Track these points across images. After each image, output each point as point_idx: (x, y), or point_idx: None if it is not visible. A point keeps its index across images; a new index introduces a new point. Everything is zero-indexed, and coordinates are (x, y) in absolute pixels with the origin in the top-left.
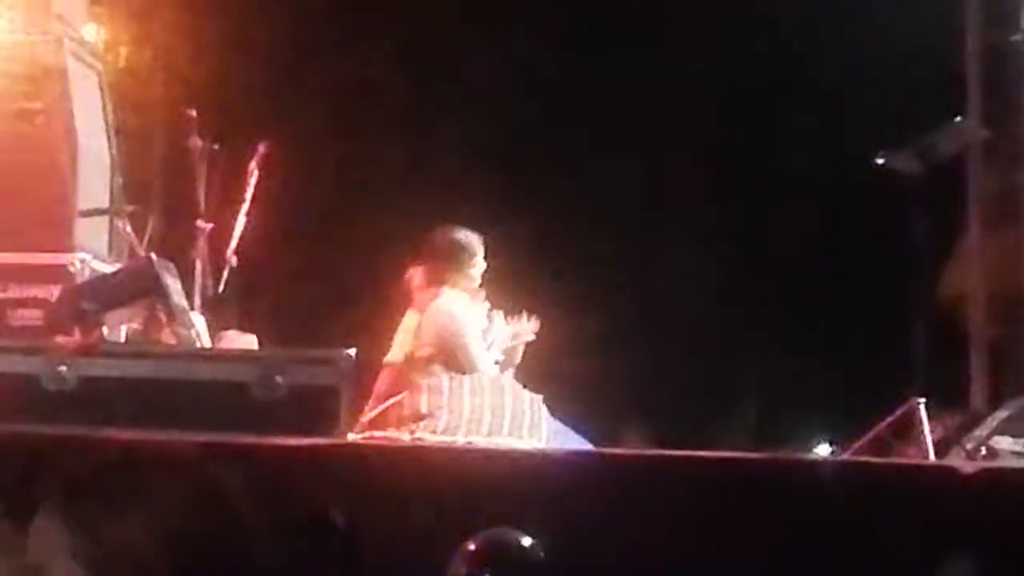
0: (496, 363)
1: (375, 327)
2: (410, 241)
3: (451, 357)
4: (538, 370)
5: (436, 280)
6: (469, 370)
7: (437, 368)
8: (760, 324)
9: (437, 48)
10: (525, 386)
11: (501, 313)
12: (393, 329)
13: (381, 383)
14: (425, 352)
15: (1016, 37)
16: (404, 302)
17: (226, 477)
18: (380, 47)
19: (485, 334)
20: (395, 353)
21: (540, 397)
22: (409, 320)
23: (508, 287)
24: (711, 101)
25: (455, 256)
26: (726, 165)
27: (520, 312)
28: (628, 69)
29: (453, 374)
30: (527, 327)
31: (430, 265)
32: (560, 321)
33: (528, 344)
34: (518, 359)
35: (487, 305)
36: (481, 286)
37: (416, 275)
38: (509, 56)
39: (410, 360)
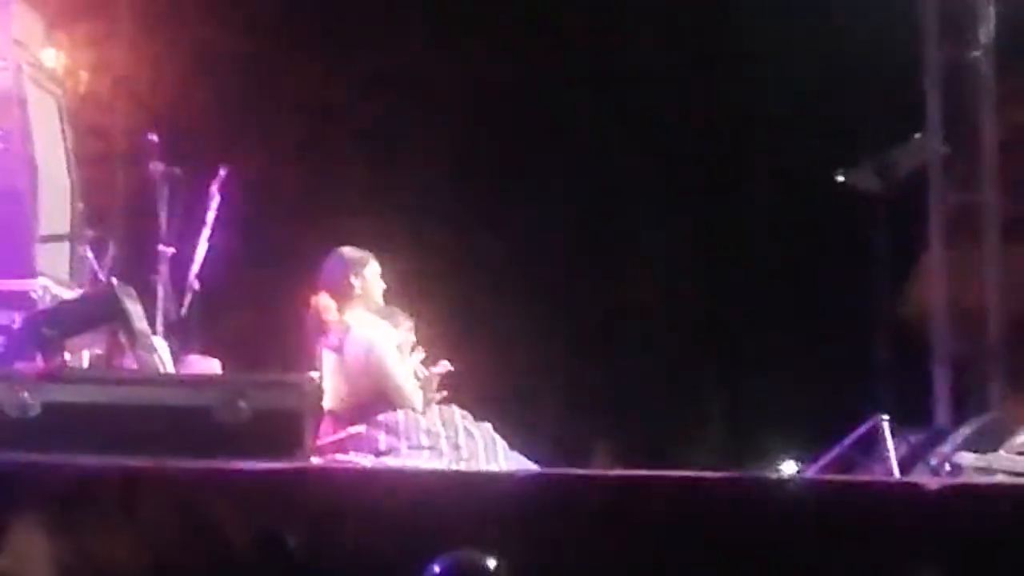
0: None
1: None
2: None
3: (382, 390)
4: (504, 390)
5: (341, 305)
6: (398, 397)
7: (379, 407)
8: (723, 342)
9: (401, 71)
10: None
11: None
12: (310, 359)
13: (326, 429)
14: (358, 398)
15: (975, 53)
16: (317, 332)
17: (192, 501)
18: (343, 70)
19: (400, 348)
20: (329, 400)
21: (489, 425)
22: (328, 361)
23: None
24: (670, 120)
25: (352, 277)
26: (686, 184)
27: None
28: (589, 88)
29: (407, 409)
30: (441, 367)
31: (332, 290)
32: (525, 342)
33: (491, 364)
34: (433, 390)
35: (398, 319)
36: (386, 301)
37: (322, 303)
38: (474, 79)
39: (348, 409)
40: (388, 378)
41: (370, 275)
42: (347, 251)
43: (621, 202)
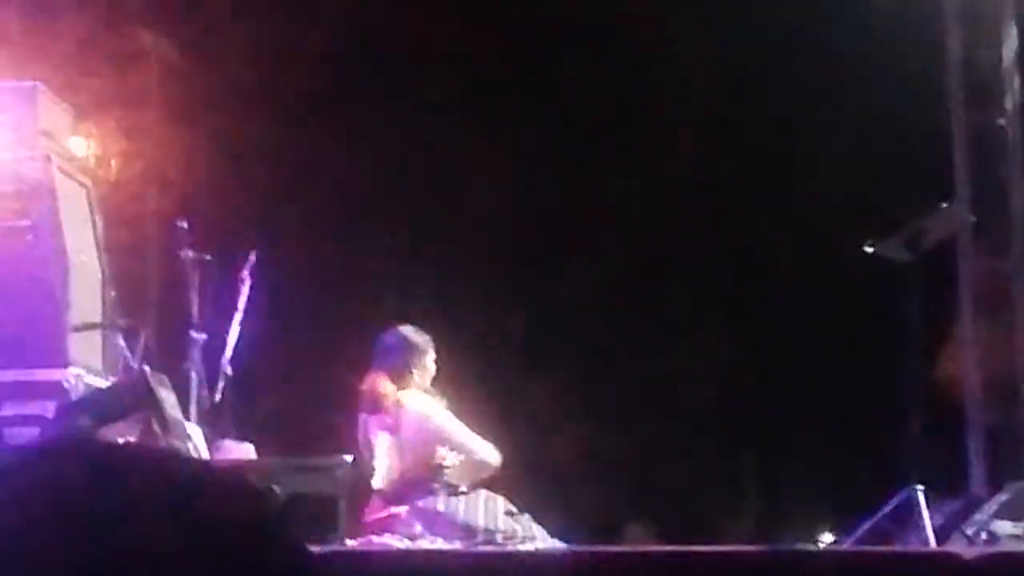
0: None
1: None
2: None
3: (438, 465)
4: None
5: (398, 384)
6: (471, 459)
7: (426, 486)
8: (757, 416)
9: (426, 149)
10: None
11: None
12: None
13: (372, 511)
14: (410, 475)
15: (1001, 120)
16: (371, 411)
17: None
18: (369, 151)
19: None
20: (380, 480)
21: (528, 516)
22: (383, 442)
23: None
24: (700, 190)
25: (413, 363)
26: (717, 254)
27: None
28: (621, 163)
29: (448, 497)
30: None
31: (390, 372)
32: (555, 411)
33: (523, 442)
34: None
35: (444, 402)
36: (433, 384)
37: (380, 386)
38: (506, 158)
39: (398, 488)
40: (451, 442)
41: (428, 362)
42: (411, 334)
43: (653, 278)
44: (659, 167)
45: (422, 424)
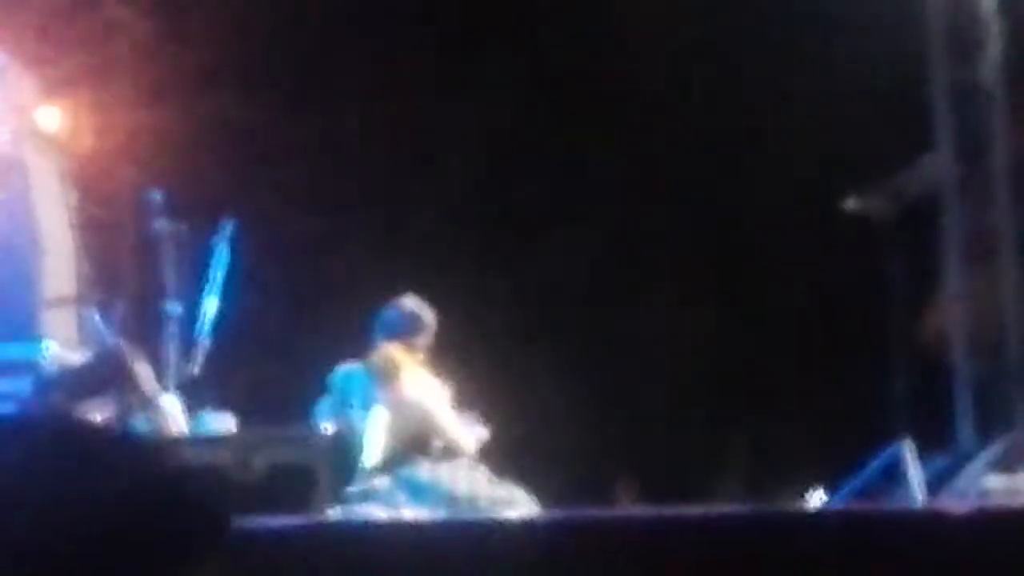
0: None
1: None
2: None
3: (426, 444)
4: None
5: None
6: (452, 445)
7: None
8: (742, 376)
9: (409, 119)
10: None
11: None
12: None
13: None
14: (397, 448)
15: (984, 71)
16: (382, 381)
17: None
18: (349, 119)
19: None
20: (371, 457)
21: (514, 487)
22: (379, 415)
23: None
24: (678, 151)
25: (420, 331)
26: (700, 218)
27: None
28: (597, 129)
29: (432, 466)
30: (480, 433)
31: (399, 340)
32: (547, 381)
33: (515, 405)
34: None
35: (440, 379)
36: (425, 359)
37: (396, 356)
38: (483, 126)
39: (385, 460)
40: (440, 430)
41: (431, 335)
42: (424, 308)
43: (637, 244)
44: (639, 135)
45: (418, 405)
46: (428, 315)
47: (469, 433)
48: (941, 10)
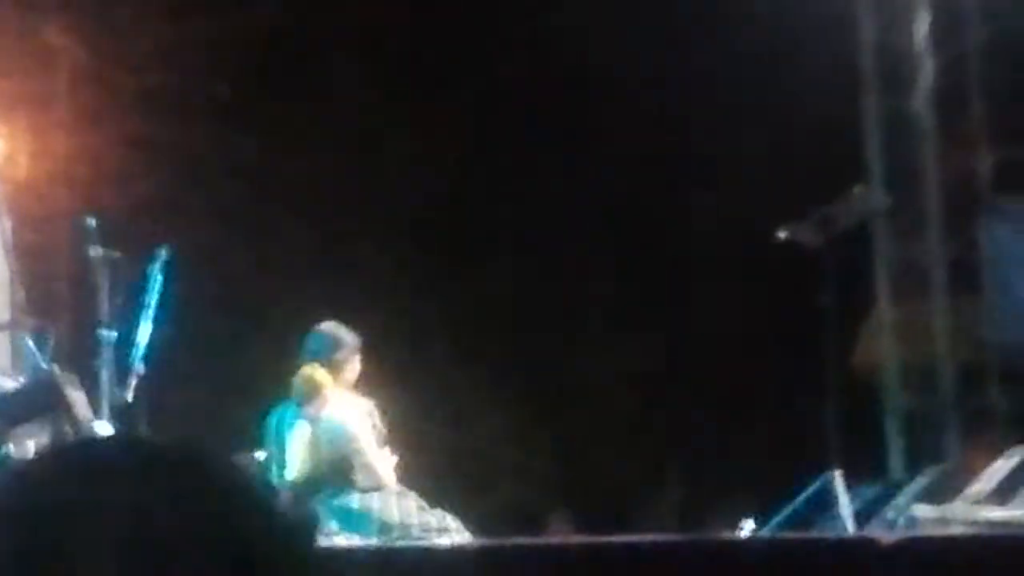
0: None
1: None
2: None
3: (349, 467)
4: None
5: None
6: (370, 476)
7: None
8: (675, 406)
9: (349, 144)
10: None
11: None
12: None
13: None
14: (320, 471)
15: (913, 102)
16: (305, 401)
17: None
18: (279, 140)
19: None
20: (292, 471)
21: (443, 512)
22: (302, 431)
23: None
24: (615, 180)
25: (345, 357)
26: (633, 246)
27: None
28: (535, 151)
29: (361, 495)
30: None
31: (322, 363)
32: (481, 408)
33: (449, 431)
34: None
35: (367, 401)
36: (356, 384)
37: (318, 375)
38: (426, 137)
39: (310, 481)
40: (360, 455)
41: (356, 360)
42: (343, 331)
43: (572, 273)
44: (580, 161)
45: (340, 428)
46: (348, 336)
47: (388, 468)
48: (873, 43)
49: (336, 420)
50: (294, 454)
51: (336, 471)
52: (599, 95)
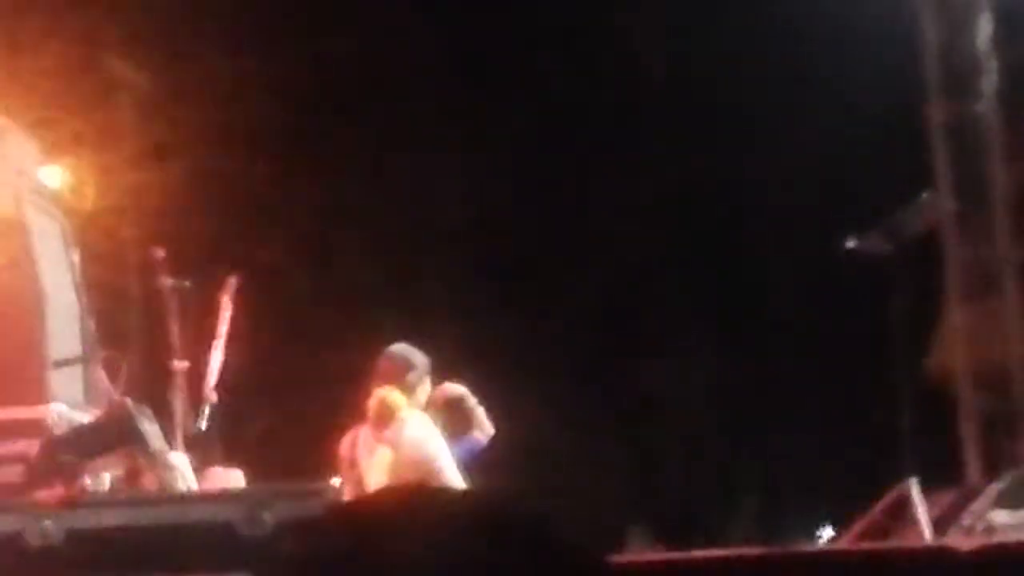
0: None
1: None
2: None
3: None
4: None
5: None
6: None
7: None
8: (751, 417)
9: (408, 170)
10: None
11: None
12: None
13: None
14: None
15: (979, 106)
16: (378, 424)
17: None
18: (352, 172)
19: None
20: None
21: None
22: (382, 456)
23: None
24: (684, 197)
25: (420, 379)
26: (706, 262)
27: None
28: (597, 174)
29: None
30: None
31: (397, 386)
32: (557, 420)
33: (521, 448)
34: None
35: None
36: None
37: (393, 397)
38: (483, 179)
39: None
40: (443, 474)
41: (428, 382)
42: (417, 352)
43: (644, 287)
44: (641, 177)
45: (421, 447)
46: (420, 357)
47: (464, 485)
48: (936, 48)
49: (418, 442)
50: (376, 479)
51: None
52: (656, 113)
